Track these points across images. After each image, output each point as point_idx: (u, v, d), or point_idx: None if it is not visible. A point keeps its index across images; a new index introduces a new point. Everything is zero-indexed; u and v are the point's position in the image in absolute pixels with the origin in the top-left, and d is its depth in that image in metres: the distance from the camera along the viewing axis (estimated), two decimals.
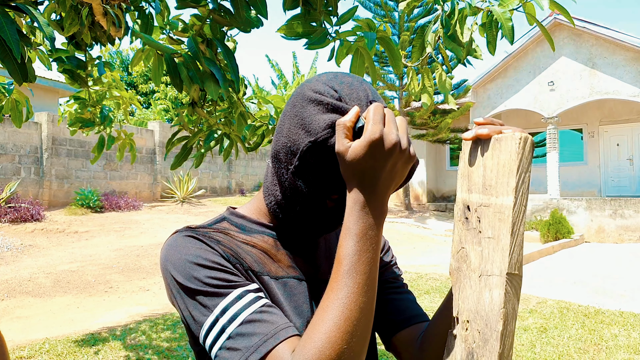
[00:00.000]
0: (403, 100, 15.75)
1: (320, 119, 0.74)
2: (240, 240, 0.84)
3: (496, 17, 1.37)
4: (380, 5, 15.17)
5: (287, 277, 0.84)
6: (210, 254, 0.76)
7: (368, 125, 0.67)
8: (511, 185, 0.66)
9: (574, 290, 6.74)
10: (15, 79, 1.11)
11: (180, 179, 14.97)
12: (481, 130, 0.70)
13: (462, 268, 0.72)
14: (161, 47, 1.83)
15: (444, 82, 1.75)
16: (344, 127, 0.69)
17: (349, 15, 1.62)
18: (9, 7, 1.06)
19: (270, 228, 0.88)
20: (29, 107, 2.80)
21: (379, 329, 0.95)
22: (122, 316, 5.43)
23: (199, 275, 0.73)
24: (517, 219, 0.66)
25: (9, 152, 11.43)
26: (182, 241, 0.78)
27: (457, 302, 0.72)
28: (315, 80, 0.80)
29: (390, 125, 0.68)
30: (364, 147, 0.66)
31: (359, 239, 0.68)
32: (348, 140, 0.69)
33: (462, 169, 0.75)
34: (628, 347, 4.33)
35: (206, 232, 0.81)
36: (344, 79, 0.78)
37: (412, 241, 11.62)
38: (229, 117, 2.14)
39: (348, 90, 0.76)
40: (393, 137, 0.67)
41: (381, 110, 0.69)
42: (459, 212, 0.75)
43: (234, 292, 0.72)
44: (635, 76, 11.86)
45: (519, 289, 0.67)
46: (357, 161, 0.67)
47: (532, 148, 0.68)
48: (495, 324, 0.65)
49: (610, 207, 11.95)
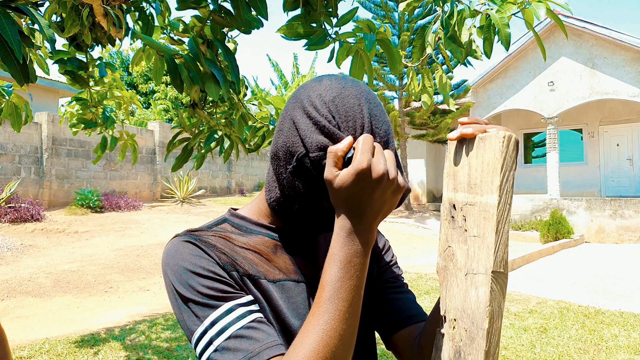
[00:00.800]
0: (403, 100, 15.75)
1: (314, 138, 0.74)
2: (239, 245, 0.84)
3: (494, 22, 1.38)
4: (380, 6, 15.17)
5: (284, 280, 0.85)
6: (206, 262, 0.77)
7: (357, 154, 0.68)
8: (495, 183, 0.66)
9: (574, 291, 6.74)
10: (17, 80, 1.11)
11: (180, 179, 14.98)
12: (465, 130, 0.71)
13: (448, 267, 0.73)
14: (162, 48, 1.83)
15: (444, 83, 1.76)
16: (335, 155, 0.70)
17: (350, 16, 1.63)
18: (10, 9, 1.06)
19: (271, 229, 0.89)
20: (28, 111, 2.80)
21: (379, 328, 0.96)
22: (122, 316, 5.44)
23: (193, 283, 0.75)
24: (501, 217, 0.66)
25: (9, 152, 11.43)
26: (180, 247, 0.79)
27: (445, 301, 0.73)
28: (317, 93, 0.78)
29: (378, 155, 0.69)
30: (352, 175, 0.68)
31: (344, 265, 0.69)
32: (337, 168, 0.70)
33: (447, 169, 0.75)
34: (628, 348, 4.33)
35: (205, 237, 0.82)
36: (345, 101, 0.76)
37: (412, 241, 11.62)
38: (229, 119, 2.14)
39: (345, 118, 0.75)
40: (381, 167, 0.68)
41: (370, 141, 0.70)
42: (445, 211, 0.75)
43: (224, 305, 0.73)
44: (635, 76, 11.86)
45: (505, 286, 0.68)
46: (345, 189, 0.68)
47: (516, 147, 0.68)
48: (482, 322, 0.66)
49: (610, 208, 11.96)
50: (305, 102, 0.78)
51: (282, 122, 0.82)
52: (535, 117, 14.43)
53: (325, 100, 0.77)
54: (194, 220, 12.21)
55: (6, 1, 1.05)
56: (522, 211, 13.28)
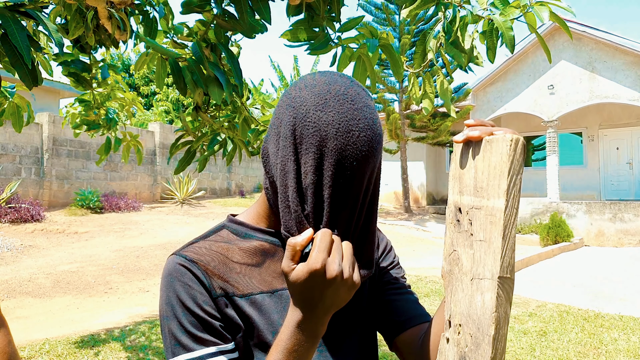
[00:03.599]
0: (403, 103, 15.77)
1: (291, 179, 0.74)
2: (235, 260, 0.85)
3: (497, 26, 1.39)
4: (380, 9, 15.19)
5: (282, 289, 0.86)
6: (197, 293, 0.80)
7: (313, 252, 0.68)
8: (502, 187, 0.65)
9: (574, 294, 6.75)
10: (25, 84, 1.12)
11: (180, 180, 14.99)
12: (472, 132, 0.70)
13: (454, 271, 0.72)
14: (165, 51, 1.85)
15: (445, 89, 1.77)
16: (293, 249, 0.70)
17: (354, 23, 1.64)
18: (19, 13, 1.08)
19: (270, 233, 0.89)
20: (30, 111, 2.81)
21: (381, 330, 0.96)
22: (122, 317, 5.44)
23: (177, 314, 0.79)
24: (508, 222, 0.65)
25: (10, 152, 11.44)
26: (174, 271, 0.81)
27: (450, 305, 0.72)
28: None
29: (334, 254, 0.69)
30: (305, 273, 0.68)
31: (288, 353, 0.71)
32: (294, 262, 0.70)
33: (453, 171, 0.74)
34: (628, 351, 4.34)
35: (200, 257, 0.83)
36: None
37: (412, 244, 11.63)
38: (232, 122, 2.16)
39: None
40: (335, 268, 0.67)
41: (328, 237, 0.69)
42: (451, 214, 0.74)
43: (195, 353, 0.77)
44: (634, 80, 11.89)
45: (511, 292, 0.66)
46: (298, 285, 0.69)
47: (524, 150, 0.67)
48: (487, 328, 0.64)
49: (609, 211, 11.97)
50: (289, 125, 0.76)
51: (273, 121, 0.81)
52: (535, 121, 14.45)
53: None
54: (194, 222, 12.21)
55: (15, 6, 1.06)
56: (522, 214, 13.29)
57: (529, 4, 1.44)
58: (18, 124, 2.67)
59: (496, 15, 1.42)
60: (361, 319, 0.93)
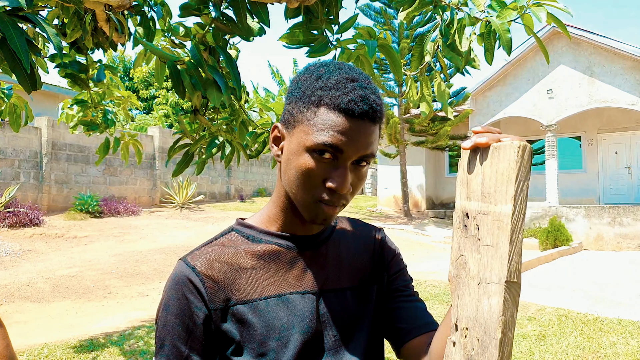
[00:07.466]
0: (402, 107, 15.79)
1: None
2: (244, 265, 0.86)
3: (494, 28, 1.39)
4: (380, 13, 15.25)
5: (289, 293, 0.86)
6: (189, 307, 0.82)
7: None
8: (510, 193, 0.66)
9: (573, 298, 6.74)
10: (25, 88, 1.12)
11: (180, 184, 14.98)
12: (479, 139, 0.70)
13: (461, 275, 0.73)
14: (164, 54, 1.85)
15: (443, 91, 1.77)
16: None
17: (350, 23, 1.65)
18: (18, 17, 1.08)
19: (281, 237, 0.89)
20: (28, 110, 2.79)
21: (389, 337, 0.95)
22: (121, 321, 5.42)
23: (168, 322, 0.82)
24: (515, 227, 0.66)
25: (9, 156, 11.44)
26: (177, 278, 0.84)
27: (456, 309, 0.72)
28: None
29: None
30: None
31: None
32: None
33: (461, 177, 0.75)
34: (626, 355, 4.33)
35: (205, 265, 0.84)
36: None
37: (412, 248, 11.61)
38: (230, 125, 2.16)
39: None
40: None
41: None
42: (458, 219, 0.75)
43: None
44: (633, 85, 11.91)
45: (518, 297, 0.67)
46: None
47: (531, 156, 0.68)
48: (494, 332, 0.65)
49: (608, 215, 11.97)
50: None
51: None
52: (534, 125, 14.46)
53: None
54: (193, 226, 12.20)
55: (14, 10, 1.06)
56: None
57: (525, 5, 1.45)
58: (16, 123, 2.66)
59: (493, 17, 1.43)
60: (368, 325, 0.92)
